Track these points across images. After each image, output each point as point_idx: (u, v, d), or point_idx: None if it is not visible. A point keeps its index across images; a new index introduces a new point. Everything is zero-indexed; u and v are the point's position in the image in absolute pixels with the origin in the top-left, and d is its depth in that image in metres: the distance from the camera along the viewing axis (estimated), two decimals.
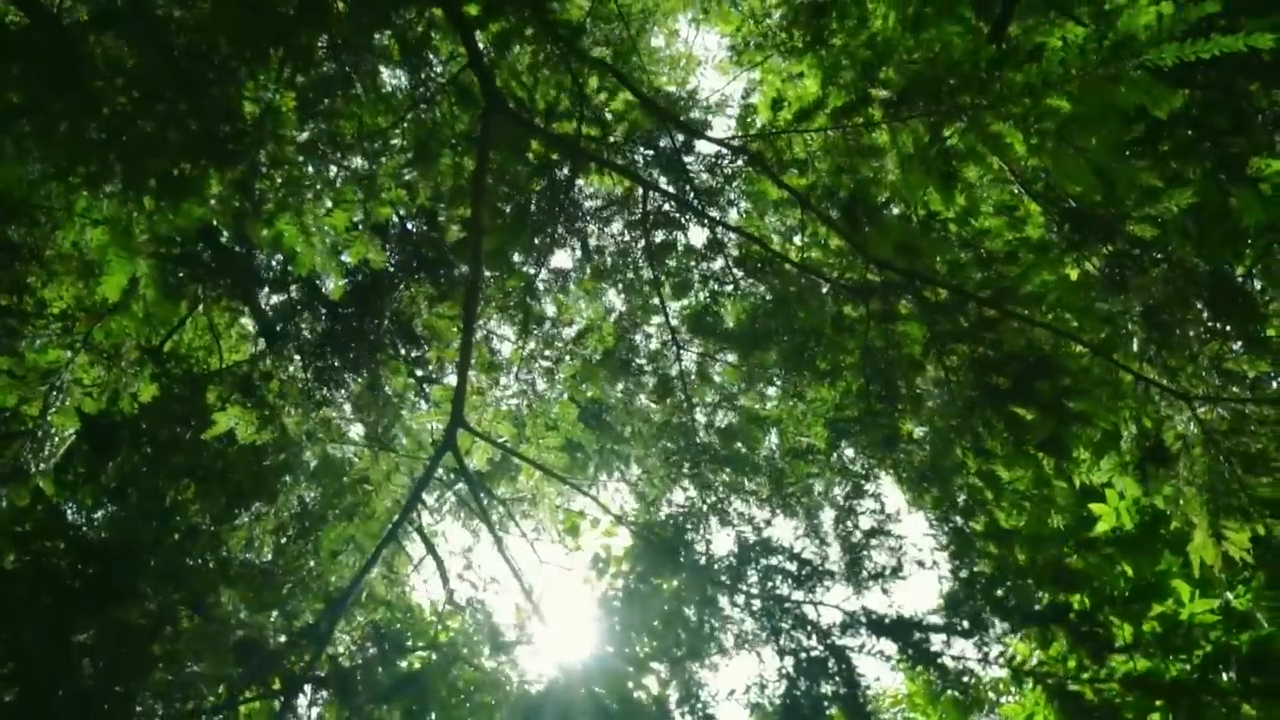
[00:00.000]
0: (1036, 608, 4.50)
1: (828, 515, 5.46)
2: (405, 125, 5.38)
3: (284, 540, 9.40)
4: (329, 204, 5.00)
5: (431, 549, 8.91)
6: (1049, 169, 5.33)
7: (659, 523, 5.81)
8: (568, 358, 6.61)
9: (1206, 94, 7.25)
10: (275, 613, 9.07)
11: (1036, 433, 4.71)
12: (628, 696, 6.87)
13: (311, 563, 9.48)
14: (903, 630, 4.55)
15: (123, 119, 4.01)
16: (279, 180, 4.66)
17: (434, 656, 10.12)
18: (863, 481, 5.38)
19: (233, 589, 7.27)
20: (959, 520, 5.01)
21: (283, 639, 6.01)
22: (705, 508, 5.74)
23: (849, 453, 5.59)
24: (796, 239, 7.00)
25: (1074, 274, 5.87)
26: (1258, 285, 7.51)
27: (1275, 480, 4.81)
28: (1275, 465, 4.82)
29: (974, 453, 4.94)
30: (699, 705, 4.99)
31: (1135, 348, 5.96)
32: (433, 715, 10.53)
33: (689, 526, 5.41)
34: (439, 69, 5.79)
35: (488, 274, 6.39)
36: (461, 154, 5.69)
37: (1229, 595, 8.90)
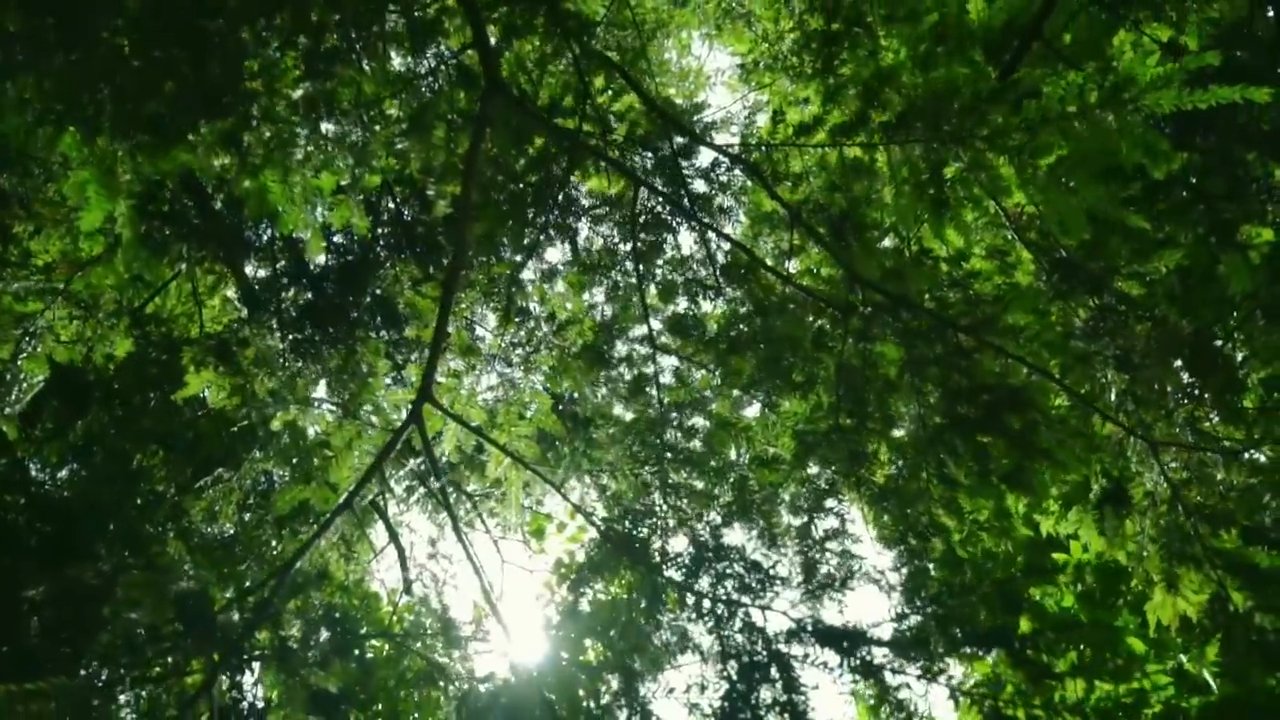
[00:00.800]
0: (982, 630, 4.51)
1: (786, 524, 5.46)
2: (403, 97, 5.38)
3: (246, 515, 9.31)
4: (317, 166, 4.98)
5: (394, 536, 8.85)
6: (1042, 209, 5.38)
7: (619, 517, 5.79)
8: (546, 348, 6.60)
9: (1205, 159, 7.33)
10: (231, 589, 8.97)
11: (1001, 464, 4.73)
12: (577, 704, 6.82)
13: (273, 542, 9.39)
14: (848, 641, 4.54)
15: (119, 60, 4.00)
16: (268, 134, 4.65)
17: (386, 646, 10.06)
18: (825, 497, 5.38)
19: (191, 558, 7.20)
20: (915, 542, 5.02)
21: (229, 597, 5.94)
22: (666, 507, 5.74)
23: (814, 468, 5.59)
24: (790, 265, 7.03)
25: (1055, 317, 5.92)
26: (1239, 356, 7.55)
27: (1236, 537, 4.84)
28: (1237, 522, 4.85)
29: (938, 479, 4.95)
30: (638, 701, 4.96)
31: (1113, 398, 6.00)
32: (379, 705, 10.45)
33: (648, 523, 5.40)
34: (449, 57, 5.79)
35: (475, 258, 6.39)
36: (458, 131, 5.69)
37: (1182, 658, 8.93)
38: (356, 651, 10.32)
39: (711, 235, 6.20)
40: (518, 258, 6.49)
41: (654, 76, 7.72)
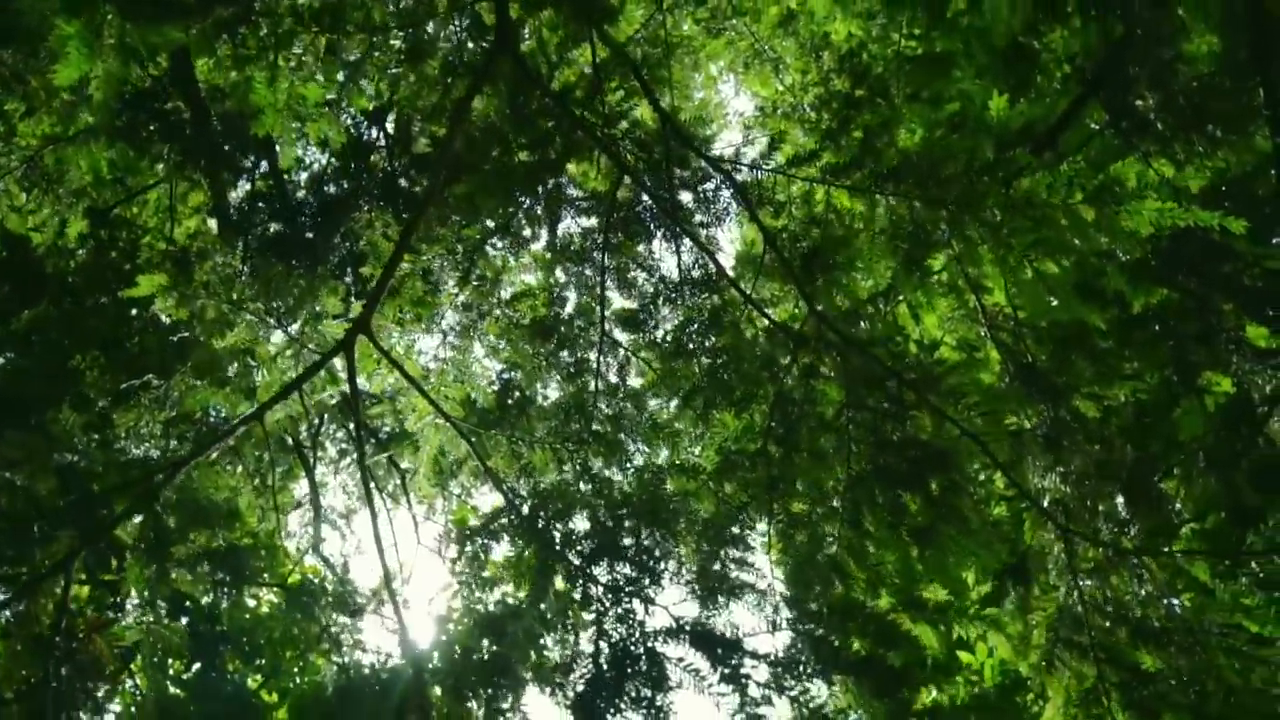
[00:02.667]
0: (854, 658, 4.47)
1: (691, 528, 5.42)
2: (410, 32, 5.37)
3: (172, 442, 9.11)
4: (308, 75, 4.94)
5: (315, 492, 8.70)
6: (1012, 292, 5.44)
7: (529, 492, 5.74)
8: (496, 316, 6.58)
9: (1183, 300, 7.43)
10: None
11: (914, 520, 4.72)
12: (459, 694, 6.68)
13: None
14: (722, 649, 4.47)
15: None
16: (264, 32, 4.61)
17: (283, 601, 9.83)
18: (735, 515, 5.35)
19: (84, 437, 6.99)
20: (813, 578, 4.99)
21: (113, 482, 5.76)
22: (578, 489, 5.69)
23: (730, 486, 5.56)
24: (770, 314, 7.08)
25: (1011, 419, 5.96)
26: (1176, 502, 7.59)
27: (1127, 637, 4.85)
28: (1130, 624, 4.86)
29: (849, 523, 4.93)
30: (504, 678, 4.86)
31: (1045, 503, 6.01)
32: (262, 660, 10.20)
33: (557, 502, 5.35)
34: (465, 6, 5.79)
35: (449, 215, 6.36)
36: (456, 77, 5.68)
37: None
38: (252, 602, 10.09)
39: (684, 246, 6.23)
40: (490, 223, 6.47)
41: (671, 87, 7.77)
